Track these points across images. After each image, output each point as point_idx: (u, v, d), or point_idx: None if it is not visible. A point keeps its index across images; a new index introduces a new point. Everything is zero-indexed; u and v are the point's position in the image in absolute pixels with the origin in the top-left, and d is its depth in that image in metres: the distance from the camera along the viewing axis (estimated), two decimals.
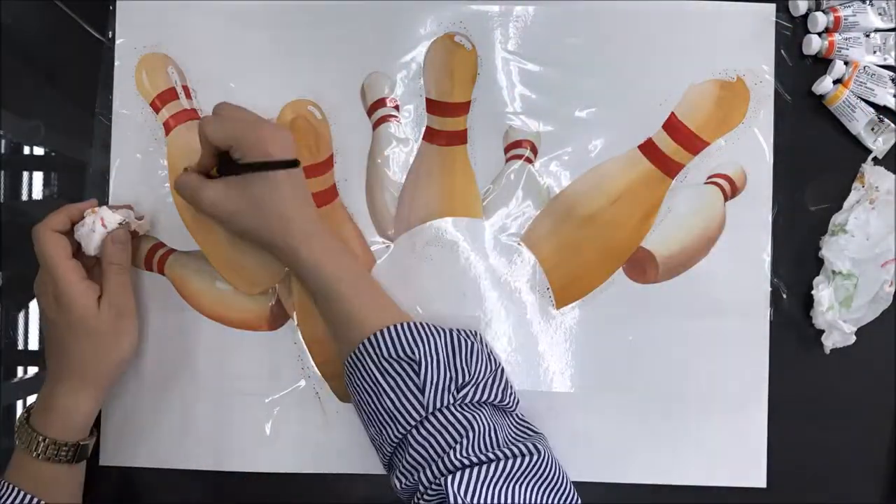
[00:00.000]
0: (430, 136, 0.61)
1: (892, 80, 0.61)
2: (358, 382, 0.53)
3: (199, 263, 0.61)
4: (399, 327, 0.52)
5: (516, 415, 0.54)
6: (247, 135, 0.52)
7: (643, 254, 0.62)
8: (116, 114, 0.61)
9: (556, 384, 0.61)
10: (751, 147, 0.62)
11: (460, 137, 0.61)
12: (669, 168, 0.62)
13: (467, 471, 0.48)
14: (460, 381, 0.51)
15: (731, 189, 0.62)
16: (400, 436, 0.51)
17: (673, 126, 0.62)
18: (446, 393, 0.51)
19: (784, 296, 0.62)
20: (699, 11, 0.62)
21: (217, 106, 0.55)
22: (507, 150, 0.62)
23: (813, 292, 0.61)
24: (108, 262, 0.55)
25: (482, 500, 0.47)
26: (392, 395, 0.51)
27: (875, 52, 0.62)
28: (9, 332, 0.62)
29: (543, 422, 0.60)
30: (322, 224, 0.55)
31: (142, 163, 0.61)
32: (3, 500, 0.52)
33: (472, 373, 0.52)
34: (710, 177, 0.62)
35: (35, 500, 0.52)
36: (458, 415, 0.50)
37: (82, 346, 0.53)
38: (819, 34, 0.62)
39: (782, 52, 0.62)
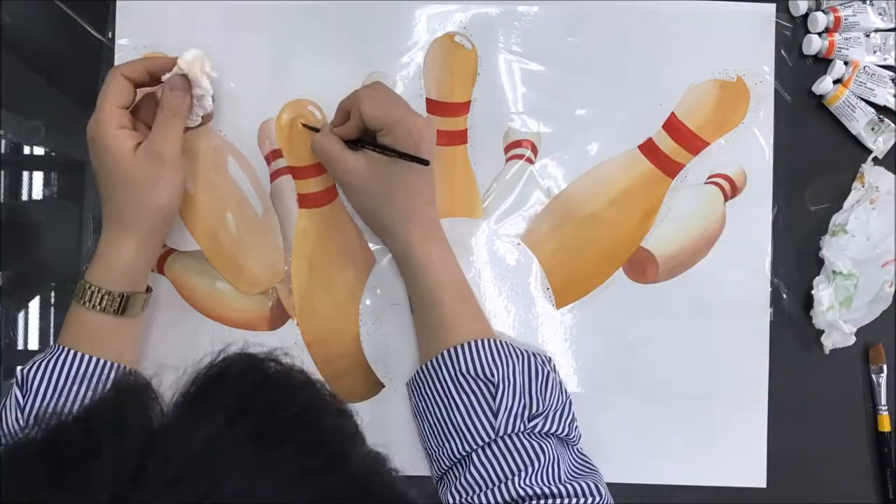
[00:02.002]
0: None
1: (892, 80, 0.61)
2: (429, 391, 0.54)
3: (199, 263, 0.61)
4: (480, 344, 0.52)
5: (577, 449, 0.54)
6: (403, 123, 0.53)
7: (643, 254, 0.61)
8: None
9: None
10: (751, 147, 0.62)
11: (460, 137, 0.61)
12: (669, 168, 0.62)
13: (532, 502, 0.48)
14: (533, 409, 0.52)
15: (731, 189, 0.62)
16: (464, 453, 0.51)
17: (673, 126, 0.62)
18: (518, 419, 0.51)
19: (784, 296, 0.62)
20: (699, 11, 0.62)
21: (373, 84, 0.56)
22: (507, 150, 0.62)
23: (813, 292, 0.61)
24: (160, 106, 0.53)
25: None
26: (463, 412, 0.52)
27: (875, 52, 0.61)
28: (9, 332, 0.62)
29: None
30: (440, 228, 0.57)
31: None
32: (54, 359, 0.51)
33: (546, 403, 0.52)
34: (710, 177, 0.62)
35: (81, 354, 0.51)
36: (526, 443, 0.50)
37: (119, 192, 0.52)
38: (819, 34, 0.62)
39: (782, 52, 0.62)
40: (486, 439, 0.51)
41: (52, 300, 0.62)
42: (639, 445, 0.61)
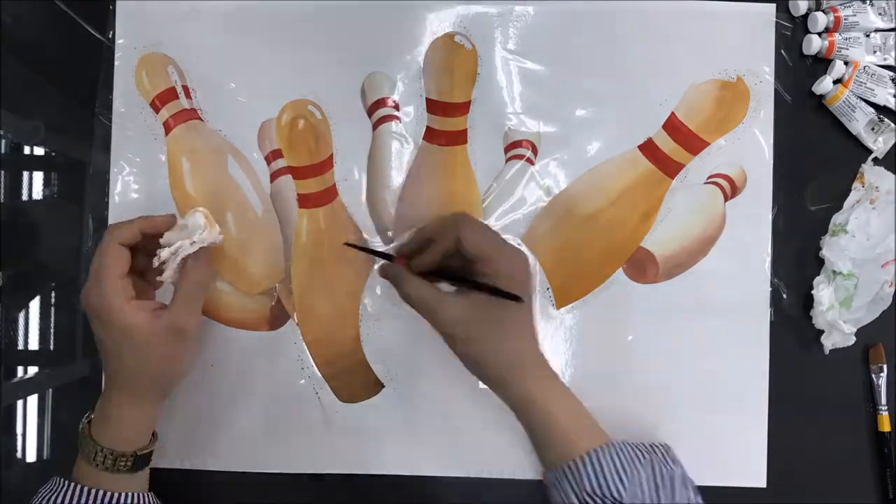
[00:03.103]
0: (431, 136, 0.61)
1: (892, 80, 0.61)
2: (556, 500, 0.52)
3: None
4: (601, 454, 0.50)
5: None
6: (502, 253, 0.51)
7: (643, 254, 0.62)
8: (116, 114, 0.61)
9: None
10: (751, 147, 0.62)
11: (460, 137, 0.61)
12: (669, 168, 0.62)
13: None
14: None
15: (731, 189, 0.62)
16: None
17: (673, 126, 0.62)
18: None
19: (784, 296, 0.62)
20: (699, 11, 0.62)
21: (466, 214, 0.54)
22: (507, 150, 0.62)
23: (813, 292, 0.61)
24: (184, 277, 0.51)
25: None
26: None
27: (875, 52, 0.62)
28: (9, 332, 0.62)
29: None
30: (548, 364, 0.54)
31: (142, 163, 0.61)
32: (61, 495, 0.50)
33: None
34: (710, 177, 0.62)
35: (89, 489, 0.50)
36: None
37: (133, 364, 0.50)
38: (819, 34, 0.62)
39: (782, 52, 0.62)
40: None
41: (52, 300, 0.63)
42: None
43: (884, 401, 0.62)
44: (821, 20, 0.61)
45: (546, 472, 0.53)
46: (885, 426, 0.61)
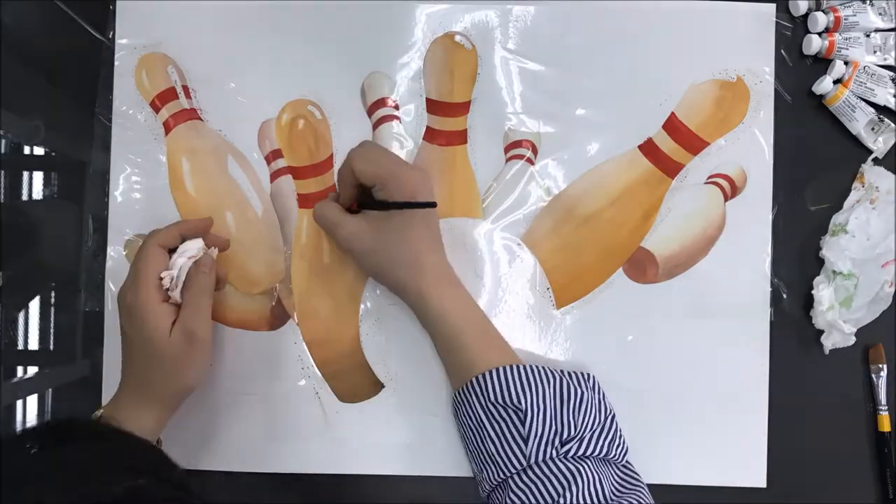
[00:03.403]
0: (431, 136, 0.61)
1: (892, 80, 0.61)
2: (463, 419, 0.55)
3: None
4: (508, 370, 0.52)
5: (621, 465, 0.54)
6: (395, 175, 0.53)
7: (643, 254, 0.62)
8: (116, 113, 0.61)
9: None
10: (751, 147, 0.62)
11: (460, 137, 0.61)
12: (669, 168, 0.62)
13: None
14: (565, 435, 0.51)
15: (731, 189, 0.62)
16: (500, 479, 0.52)
17: (673, 126, 0.62)
18: (549, 446, 0.51)
19: (784, 296, 0.62)
20: (699, 11, 0.62)
21: (362, 144, 0.56)
22: (507, 150, 0.62)
23: (813, 292, 0.61)
24: (188, 286, 0.53)
25: None
26: (495, 439, 0.52)
27: (875, 52, 0.62)
28: (9, 332, 0.62)
29: None
30: (450, 270, 0.57)
31: (142, 163, 0.61)
32: None
33: (579, 426, 0.52)
34: (710, 177, 0.62)
35: None
36: (562, 466, 0.50)
37: (149, 366, 0.52)
38: (819, 34, 0.62)
39: (782, 52, 0.62)
40: (520, 466, 0.51)
41: (52, 300, 0.63)
42: (638, 445, 0.61)
43: (884, 401, 0.62)
44: (821, 20, 0.61)
45: (455, 393, 0.55)
46: (885, 426, 0.61)
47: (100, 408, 0.54)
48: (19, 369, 0.62)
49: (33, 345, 0.62)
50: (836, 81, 0.62)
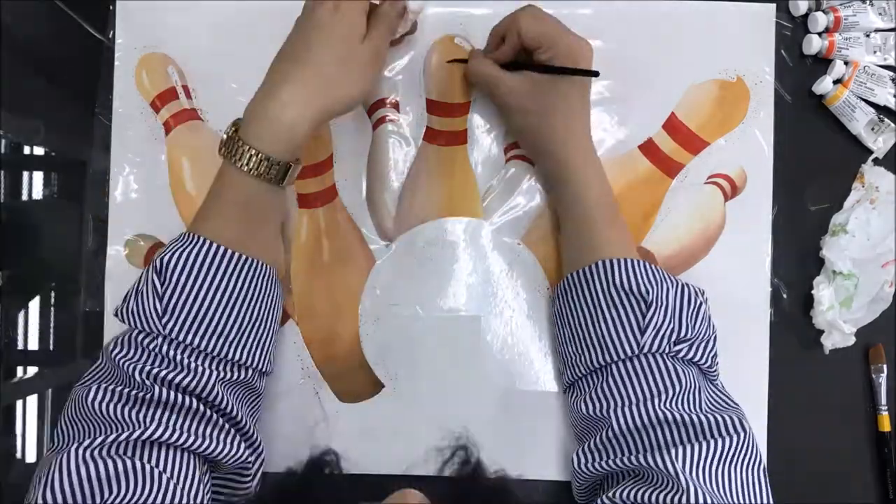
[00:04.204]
0: (430, 136, 0.61)
1: (892, 80, 0.61)
2: (577, 298, 0.54)
3: None
4: (637, 263, 0.52)
5: (717, 384, 0.54)
6: (561, 39, 0.54)
7: (643, 254, 0.61)
8: (116, 114, 0.61)
9: (557, 384, 0.61)
10: (751, 147, 0.62)
11: (460, 138, 0.61)
12: (669, 168, 0.62)
13: (688, 448, 0.47)
14: (681, 334, 0.51)
15: (731, 189, 0.62)
16: (602, 364, 0.52)
17: (673, 126, 0.62)
18: (665, 340, 0.51)
19: (784, 296, 0.62)
20: (699, 11, 0.62)
21: (529, 5, 0.56)
22: (506, 150, 0.62)
23: (813, 292, 0.61)
24: (376, 14, 0.53)
25: (705, 479, 0.46)
26: (610, 324, 0.52)
27: (875, 52, 0.62)
28: (9, 332, 0.62)
29: (544, 421, 0.60)
30: (594, 149, 0.57)
31: (142, 163, 0.61)
32: (195, 250, 0.49)
33: (694, 331, 0.52)
34: (710, 177, 0.62)
35: (224, 249, 0.49)
36: (669, 364, 0.50)
37: (326, 62, 0.50)
38: (819, 34, 0.62)
39: (782, 52, 0.62)
40: (629, 353, 0.51)
41: (52, 300, 0.63)
42: None
43: (884, 401, 0.62)
44: (821, 20, 0.61)
45: (572, 273, 0.55)
46: (885, 426, 0.61)
47: (237, 119, 0.51)
48: (19, 369, 0.62)
49: (33, 345, 0.62)
50: (836, 81, 0.62)
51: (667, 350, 0.51)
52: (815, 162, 0.62)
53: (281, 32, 0.61)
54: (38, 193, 0.63)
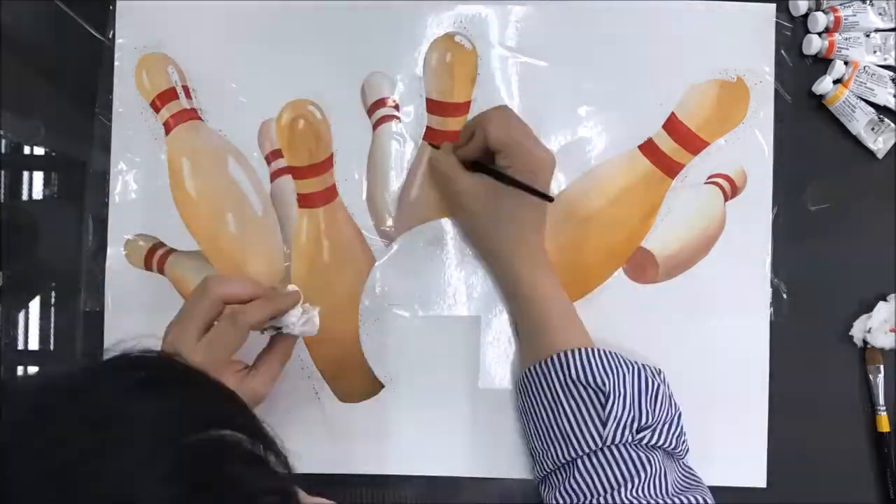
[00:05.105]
0: (431, 136, 0.61)
1: (892, 80, 0.61)
2: (536, 395, 0.54)
3: (199, 263, 0.61)
4: (592, 352, 0.52)
5: (683, 462, 0.54)
6: (523, 148, 0.53)
7: (643, 254, 0.62)
8: (116, 114, 0.61)
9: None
10: (751, 147, 0.62)
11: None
12: (669, 168, 0.62)
13: None
14: (642, 421, 0.51)
15: (731, 189, 0.62)
16: (569, 458, 0.52)
17: (673, 126, 0.62)
18: (626, 430, 0.51)
19: (784, 296, 0.62)
20: (699, 11, 0.62)
21: (501, 107, 0.56)
22: None
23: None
24: (271, 351, 0.52)
25: None
26: (571, 418, 0.52)
27: (875, 52, 0.61)
28: (9, 332, 0.62)
29: None
30: (545, 255, 0.57)
31: (142, 163, 0.61)
32: None
33: (655, 416, 0.52)
34: (710, 177, 0.62)
35: None
36: (633, 453, 0.50)
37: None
38: (819, 34, 0.62)
39: (782, 52, 0.62)
40: (593, 447, 0.51)
41: (52, 300, 0.63)
42: None
43: (882, 401, 0.62)
44: (821, 20, 0.61)
45: (529, 367, 0.55)
46: (885, 426, 0.61)
47: None
48: (19, 369, 0.62)
49: (33, 345, 0.62)
50: (836, 81, 0.62)
51: (629, 439, 0.51)
52: (815, 162, 0.62)
53: (281, 32, 0.61)
54: (38, 193, 0.63)
